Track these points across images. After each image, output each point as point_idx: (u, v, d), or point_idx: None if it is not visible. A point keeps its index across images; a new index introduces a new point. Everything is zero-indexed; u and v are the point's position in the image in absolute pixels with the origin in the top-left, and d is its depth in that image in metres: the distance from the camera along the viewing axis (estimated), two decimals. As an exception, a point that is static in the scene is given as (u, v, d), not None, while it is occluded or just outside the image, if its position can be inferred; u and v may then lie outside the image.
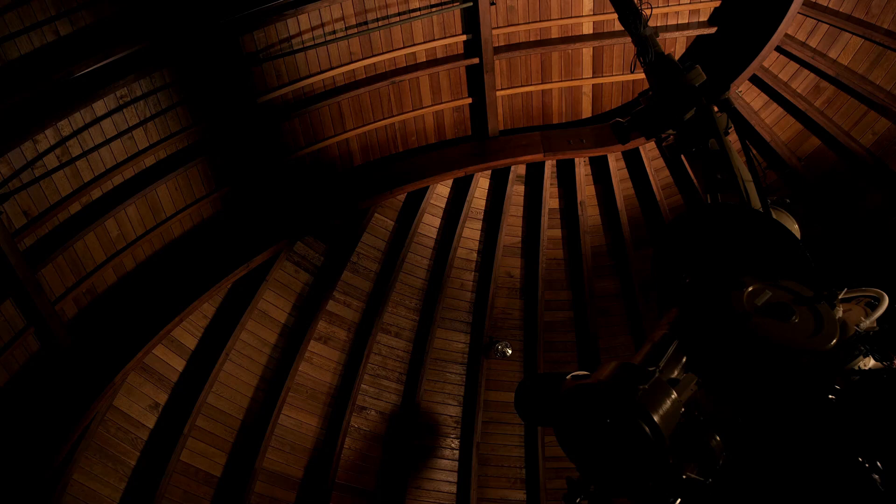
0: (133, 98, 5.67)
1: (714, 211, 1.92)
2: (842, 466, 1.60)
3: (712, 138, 2.79)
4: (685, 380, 1.86)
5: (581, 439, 1.69)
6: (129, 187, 5.99)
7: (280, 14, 6.00)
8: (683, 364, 1.92)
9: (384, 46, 6.67)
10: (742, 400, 1.92)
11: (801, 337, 1.90)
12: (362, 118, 7.05)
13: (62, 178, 5.49)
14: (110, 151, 5.74)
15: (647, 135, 3.07)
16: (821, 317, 1.96)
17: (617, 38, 6.99)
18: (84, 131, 5.49)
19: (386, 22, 6.49)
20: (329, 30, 6.34)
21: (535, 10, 6.85)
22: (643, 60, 3.09)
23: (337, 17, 6.33)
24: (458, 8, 6.61)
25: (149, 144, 5.96)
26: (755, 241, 1.88)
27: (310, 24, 6.26)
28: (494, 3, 6.61)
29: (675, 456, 1.62)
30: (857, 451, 1.61)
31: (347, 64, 6.62)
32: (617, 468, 1.64)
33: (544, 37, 7.06)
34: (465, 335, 7.76)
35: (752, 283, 2.09)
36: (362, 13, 6.41)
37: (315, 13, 6.23)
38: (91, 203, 5.81)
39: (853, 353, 2.02)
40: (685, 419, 1.69)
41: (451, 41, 6.86)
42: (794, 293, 2.05)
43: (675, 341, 1.94)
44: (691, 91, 2.86)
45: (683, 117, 2.89)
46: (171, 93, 5.89)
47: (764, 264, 1.88)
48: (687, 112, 2.88)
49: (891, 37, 6.17)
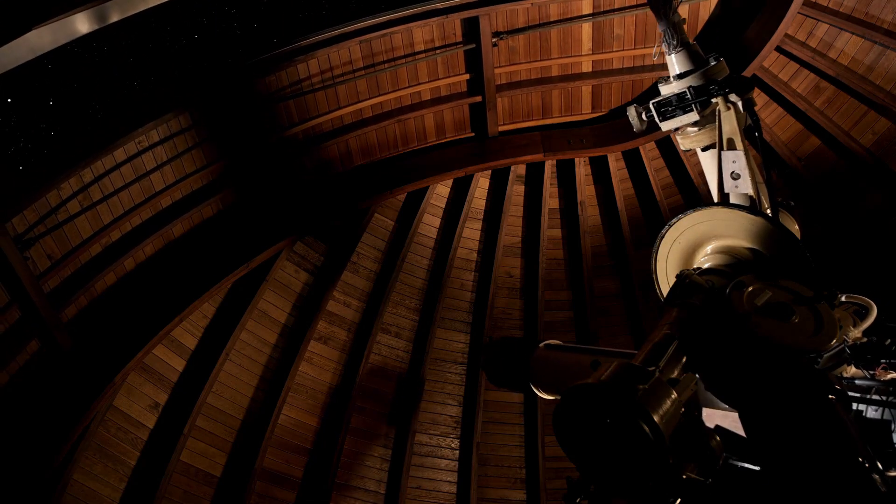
0: (150, 144, 5.98)
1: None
2: (841, 466, 1.60)
3: (730, 136, 2.75)
4: (685, 380, 1.86)
5: (581, 439, 1.69)
6: (146, 227, 6.23)
7: (290, 60, 6.30)
8: (683, 364, 1.92)
9: (390, 86, 6.95)
10: (742, 400, 1.92)
11: (802, 337, 1.90)
12: (369, 155, 7.30)
13: (83, 221, 5.76)
14: (129, 195, 6.01)
15: (663, 126, 2.95)
16: (821, 317, 1.96)
17: (615, 76, 7.24)
18: (104, 177, 5.77)
19: (392, 64, 6.77)
20: (338, 72, 6.63)
21: (535, 49, 7.08)
22: (668, 48, 2.98)
23: (345, 61, 6.61)
24: (462, 49, 6.89)
25: (164, 186, 6.22)
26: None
27: (319, 68, 6.57)
28: (497, 45, 6.82)
29: (675, 456, 1.62)
30: (857, 452, 1.61)
31: (355, 103, 6.88)
32: (617, 468, 1.64)
33: (545, 75, 7.29)
34: (465, 335, 7.76)
35: (753, 283, 2.09)
36: (369, 56, 6.68)
37: (324, 58, 6.52)
38: (111, 244, 6.04)
39: (838, 361, 2.01)
40: (685, 419, 1.69)
41: (454, 80, 7.13)
42: (794, 293, 2.05)
43: (675, 341, 1.94)
44: (715, 85, 2.78)
45: (703, 112, 2.83)
46: (185, 137, 6.19)
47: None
48: (708, 107, 2.81)
49: (891, 37, 6.16)
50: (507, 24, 6.85)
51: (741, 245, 2.46)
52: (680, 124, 2.91)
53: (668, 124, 2.94)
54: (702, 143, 2.94)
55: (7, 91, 13.35)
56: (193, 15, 14.35)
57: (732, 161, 2.71)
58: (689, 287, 2.27)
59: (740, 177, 2.70)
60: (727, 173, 2.71)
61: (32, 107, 13.79)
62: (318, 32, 6.34)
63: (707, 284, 2.28)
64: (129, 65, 14.05)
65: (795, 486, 1.65)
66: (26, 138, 13.39)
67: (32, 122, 13.70)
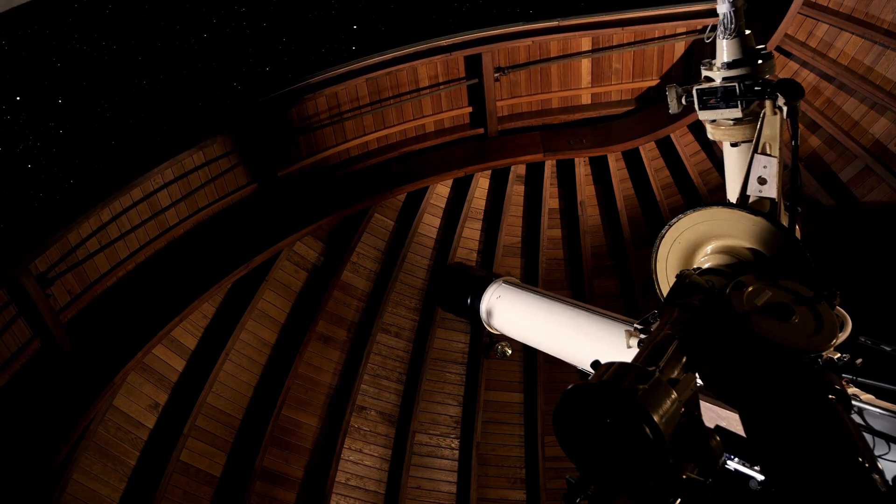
0: (165, 182, 6.26)
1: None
2: (841, 466, 1.60)
3: (768, 141, 2.60)
4: (685, 380, 1.86)
5: (581, 439, 1.69)
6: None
7: (300, 99, 6.57)
8: (683, 364, 1.92)
9: (395, 119, 7.23)
10: (742, 400, 1.92)
11: (802, 337, 1.90)
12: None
13: (102, 258, 6.05)
14: (144, 231, 6.23)
15: (701, 115, 2.79)
16: (821, 317, 1.96)
17: (612, 108, 7.50)
18: (122, 216, 6.03)
19: (398, 100, 7.02)
20: (346, 108, 6.87)
21: (536, 82, 7.32)
22: (724, 32, 2.78)
23: (352, 98, 6.90)
24: (465, 84, 7.17)
25: (178, 220, 6.44)
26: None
27: (327, 105, 6.83)
28: (499, 80, 7.09)
29: (675, 456, 1.62)
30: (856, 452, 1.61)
31: (361, 136, 7.09)
32: (617, 468, 1.64)
33: (545, 107, 7.52)
34: (465, 335, 7.76)
35: (753, 283, 2.09)
36: (375, 93, 6.96)
37: (332, 96, 6.78)
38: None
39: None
40: (685, 419, 1.69)
41: (457, 112, 7.39)
42: (794, 293, 2.05)
43: (676, 341, 1.94)
44: (768, 87, 2.61)
45: (746, 109, 2.68)
46: (198, 175, 6.47)
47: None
48: (751, 104, 2.67)
49: (891, 37, 6.16)
50: (508, 60, 7.12)
51: (741, 245, 2.45)
52: (719, 117, 2.77)
53: (707, 114, 2.79)
54: (734, 138, 2.83)
55: (15, 89, 13.38)
56: (207, 58, 14.53)
57: (763, 166, 2.61)
58: (690, 287, 2.26)
59: (766, 182, 2.62)
60: (755, 176, 2.60)
61: (40, 104, 13.84)
62: (325, 70, 6.60)
63: (707, 284, 2.27)
64: (138, 63, 14.13)
65: (795, 487, 1.65)
66: (37, 142, 13.47)
67: (41, 121, 13.75)
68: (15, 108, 13.99)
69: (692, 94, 2.79)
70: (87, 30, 14.46)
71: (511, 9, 15.57)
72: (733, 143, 2.85)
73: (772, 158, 2.60)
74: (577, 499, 1.72)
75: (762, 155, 2.62)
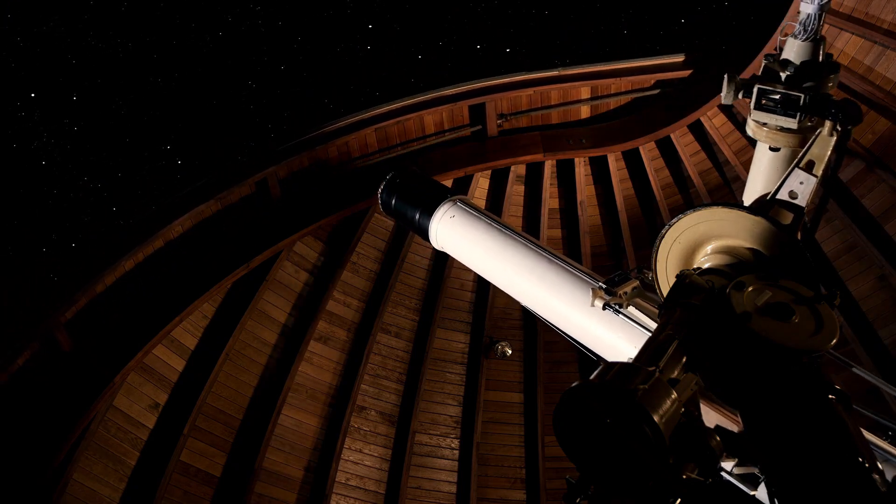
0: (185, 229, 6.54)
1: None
2: (841, 466, 1.60)
3: (814, 159, 2.50)
4: (685, 380, 1.86)
5: (581, 439, 1.69)
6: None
7: (311, 148, 6.79)
8: (683, 364, 1.92)
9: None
10: (742, 400, 1.92)
11: (802, 337, 1.90)
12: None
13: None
14: None
15: (754, 114, 2.61)
16: (821, 317, 1.96)
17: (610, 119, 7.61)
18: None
19: (405, 148, 7.34)
20: (356, 155, 7.13)
21: (537, 117, 7.54)
22: (802, 32, 2.64)
23: (361, 145, 7.12)
24: (469, 130, 7.42)
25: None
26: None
27: (337, 153, 7.05)
28: (501, 126, 7.38)
29: (675, 456, 1.62)
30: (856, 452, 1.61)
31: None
32: (617, 468, 1.64)
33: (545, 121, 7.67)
34: (465, 335, 7.76)
35: (753, 283, 2.09)
36: (384, 140, 7.21)
37: (343, 146, 7.00)
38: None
39: None
40: (685, 419, 1.69)
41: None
42: (794, 293, 2.05)
43: (676, 341, 1.94)
44: (835, 108, 2.45)
45: (802, 122, 2.53)
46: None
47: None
48: (807, 118, 2.52)
49: (891, 37, 6.16)
50: (510, 108, 7.36)
51: (742, 245, 2.45)
52: (771, 121, 2.61)
53: (760, 115, 2.61)
54: (775, 143, 2.69)
55: (30, 86, 13.42)
56: (222, 55, 14.56)
57: (800, 182, 2.51)
58: (690, 287, 2.26)
59: (797, 197, 2.57)
60: (787, 188, 2.52)
61: (55, 101, 13.87)
62: (336, 121, 6.83)
63: (707, 284, 2.27)
64: (153, 60, 14.17)
65: (795, 487, 1.65)
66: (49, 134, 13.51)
67: (56, 118, 13.78)
68: (30, 104, 14.04)
69: (753, 91, 2.58)
70: (102, 27, 14.50)
71: (511, 58, 15.82)
72: (772, 148, 2.72)
73: (811, 178, 2.51)
74: (576, 499, 1.72)
75: (802, 171, 2.53)
